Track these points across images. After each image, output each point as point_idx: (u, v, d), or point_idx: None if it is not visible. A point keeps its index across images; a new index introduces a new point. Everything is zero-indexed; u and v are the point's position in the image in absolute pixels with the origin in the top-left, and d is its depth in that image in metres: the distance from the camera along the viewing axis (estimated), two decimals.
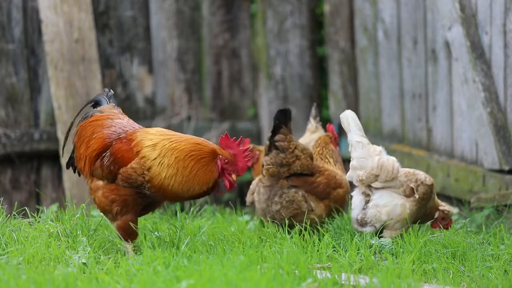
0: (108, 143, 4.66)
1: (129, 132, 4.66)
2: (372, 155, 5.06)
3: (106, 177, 4.63)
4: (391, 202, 5.03)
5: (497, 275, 4.35)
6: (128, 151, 4.58)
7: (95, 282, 4.03)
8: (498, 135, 5.98)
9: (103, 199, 4.62)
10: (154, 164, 4.54)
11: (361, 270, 4.43)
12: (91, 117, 4.79)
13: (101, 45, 7.24)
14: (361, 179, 5.05)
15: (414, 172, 5.09)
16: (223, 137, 4.61)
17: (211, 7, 7.57)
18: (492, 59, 6.04)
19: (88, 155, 4.69)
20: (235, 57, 7.69)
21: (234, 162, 4.56)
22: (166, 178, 4.53)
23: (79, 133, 4.77)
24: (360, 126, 5.10)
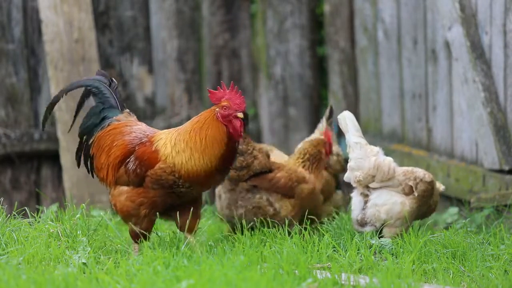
0: (131, 149, 4.66)
1: (150, 136, 4.67)
2: (369, 155, 5.06)
3: (132, 181, 4.62)
4: (389, 200, 5.04)
5: (497, 275, 4.35)
6: (153, 153, 4.60)
7: (95, 282, 4.03)
8: (498, 135, 5.98)
9: (129, 203, 4.62)
10: (173, 157, 4.56)
11: (361, 270, 4.43)
12: (108, 127, 4.77)
13: (101, 45, 7.24)
14: (359, 180, 5.05)
15: (413, 170, 5.10)
16: (209, 94, 4.65)
17: (211, 7, 7.57)
18: (492, 59, 6.04)
19: (110, 163, 4.68)
20: (235, 57, 7.69)
21: (231, 104, 4.59)
22: (187, 163, 4.54)
23: (97, 143, 4.76)
24: (358, 127, 5.11)
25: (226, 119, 4.58)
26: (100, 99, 4.85)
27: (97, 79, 4.88)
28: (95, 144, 4.77)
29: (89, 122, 4.83)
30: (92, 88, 4.86)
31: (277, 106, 7.62)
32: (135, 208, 4.61)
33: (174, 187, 4.58)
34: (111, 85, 4.87)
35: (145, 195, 4.60)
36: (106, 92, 4.85)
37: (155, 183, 4.57)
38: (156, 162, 4.57)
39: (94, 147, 4.77)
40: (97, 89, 4.85)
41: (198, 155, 4.54)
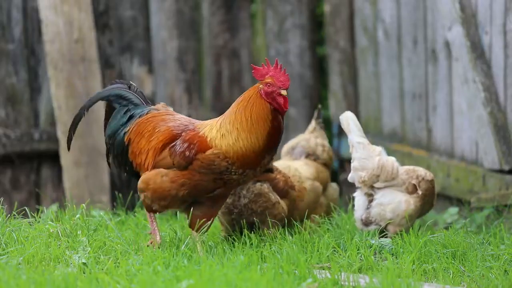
0: (176, 134, 4.64)
1: (196, 124, 4.66)
2: (373, 155, 5.07)
3: (178, 164, 4.58)
4: (394, 199, 5.05)
5: (497, 275, 4.35)
6: (202, 137, 4.57)
7: (95, 282, 4.03)
8: (498, 135, 5.98)
9: (170, 183, 4.59)
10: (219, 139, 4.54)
11: (361, 270, 4.43)
12: (148, 114, 4.76)
13: (101, 45, 7.24)
14: (364, 180, 5.06)
15: (414, 168, 5.13)
16: (253, 70, 4.63)
17: (211, 7, 7.57)
18: (492, 59, 6.04)
19: (152, 147, 4.65)
20: (235, 57, 7.69)
21: (275, 81, 4.57)
22: (235, 144, 4.52)
23: (136, 129, 4.74)
24: (360, 126, 5.12)
25: (269, 96, 4.55)
26: (120, 103, 4.84)
27: (114, 87, 4.90)
28: (133, 129, 4.74)
29: (115, 122, 4.80)
30: (111, 97, 4.86)
31: None
32: (175, 189, 4.58)
33: (225, 174, 4.55)
34: (131, 87, 4.87)
35: (190, 177, 4.56)
36: (127, 94, 4.85)
37: (205, 167, 4.54)
38: (207, 146, 4.54)
39: (132, 133, 4.74)
40: (117, 95, 4.86)
41: (245, 134, 4.51)
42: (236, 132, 4.53)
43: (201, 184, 4.58)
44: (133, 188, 7.24)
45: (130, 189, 7.17)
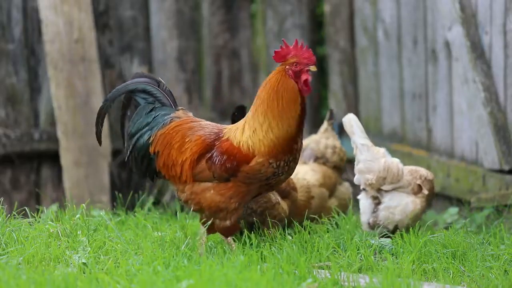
0: (210, 144, 4.53)
1: (225, 131, 4.55)
2: (378, 157, 5.07)
3: (219, 176, 4.49)
4: (402, 201, 5.06)
5: (497, 275, 4.35)
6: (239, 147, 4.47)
7: (95, 282, 4.03)
8: (498, 135, 5.98)
9: (218, 197, 4.50)
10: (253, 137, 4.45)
11: (361, 270, 4.43)
12: (172, 123, 4.62)
13: (101, 45, 7.24)
14: (371, 183, 5.06)
15: (417, 169, 5.15)
16: (274, 54, 4.50)
17: (211, 7, 7.57)
18: (492, 59, 6.04)
19: (187, 159, 4.53)
20: (235, 57, 7.69)
21: (300, 59, 4.45)
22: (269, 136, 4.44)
23: (162, 141, 4.60)
24: (363, 128, 5.12)
25: (298, 75, 4.44)
26: (147, 99, 4.69)
27: (141, 81, 4.71)
28: (158, 141, 4.60)
29: (140, 121, 4.68)
30: (137, 91, 4.70)
31: None
32: (225, 202, 4.50)
33: (272, 178, 4.49)
34: (160, 85, 4.71)
35: (237, 189, 4.48)
36: (155, 91, 4.69)
37: (250, 178, 4.47)
38: (248, 156, 4.45)
39: (159, 145, 4.60)
40: (144, 90, 4.69)
41: (277, 121, 4.42)
42: (267, 121, 4.43)
43: (247, 194, 4.53)
44: (133, 188, 7.25)
45: (130, 189, 7.17)
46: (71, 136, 6.99)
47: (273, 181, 4.52)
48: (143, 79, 4.73)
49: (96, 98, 7.06)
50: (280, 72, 4.48)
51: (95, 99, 7.06)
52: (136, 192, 6.76)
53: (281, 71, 4.48)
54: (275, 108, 4.44)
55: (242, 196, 4.52)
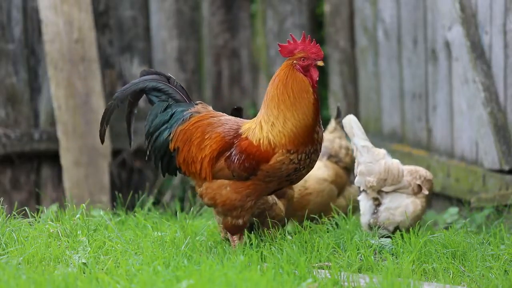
0: (229, 141, 4.50)
1: (244, 128, 4.51)
2: (378, 159, 5.07)
3: (238, 175, 4.45)
4: (402, 202, 5.06)
5: (497, 275, 4.35)
6: (258, 145, 4.43)
7: (95, 282, 4.03)
8: (498, 135, 5.98)
9: (235, 194, 4.46)
10: (272, 131, 4.43)
11: (361, 270, 4.43)
12: (192, 119, 4.58)
13: (101, 45, 7.24)
14: (372, 186, 5.06)
15: (416, 169, 5.15)
16: (280, 48, 4.49)
17: (211, 7, 7.57)
18: (492, 59, 6.04)
19: (206, 156, 4.50)
20: (235, 57, 7.69)
21: (308, 54, 4.44)
22: (287, 126, 4.41)
23: (182, 137, 4.56)
24: (363, 130, 5.12)
25: (306, 69, 4.44)
26: (159, 97, 4.64)
27: (150, 79, 4.65)
28: (178, 137, 4.56)
29: (157, 120, 4.63)
30: (147, 89, 4.64)
31: None
32: (241, 200, 4.46)
33: (294, 174, 4.45)
34: (170, 80, 4.67)
35: (255, 187, 4.45)
36: (166, 88, 4.65)
37: (270, 176, 4.43)
38: (269, 155, 4.42)
39: (179, 141, 4.55)
40: (154, 88, 4.64)
41: (291, 113, 4.39)
42: (282, 114, 4.41)
43: (264, 191, 4.50)
44: (133, 188, 7.25)
45: (130, 189, 7.17)
46: (71, 136, 6.99)
47: (294, 177, 4.48)
48: (152, 76, 4.67)
49: (96, 98, 7.06)
50: (288, 66, 4.47)
51: (95, 99, 7.06)
52: (136, 192, 6.77)
53: (289, 65, 4.47)
54: (287, 99, 4.42)
55: (259, 194, 4.49)
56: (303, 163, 4.44)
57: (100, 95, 7.06)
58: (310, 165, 4.50)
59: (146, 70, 4.72)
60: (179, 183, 7.45)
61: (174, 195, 7.42)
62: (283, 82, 4.44)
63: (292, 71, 4.45)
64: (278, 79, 4.46)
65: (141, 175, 7.45)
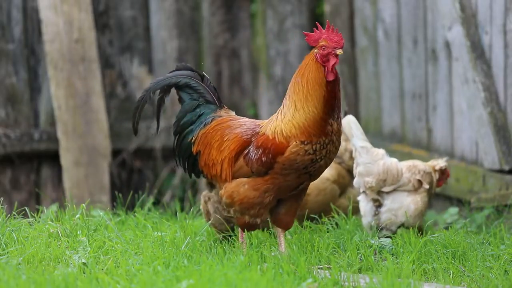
0: (247, 140, 4.49)
1: (262, 126, 4.50)
2: (377, 159, 5.06)
3: (257, 171, 4.43)
4: (403, 202, 5.06)
5: (497, 275, 4.35)
6: (274, 138, 4.42)
7: (95, 282, 4.03)
8: (498, 135, 5.98)
9: (253, 192, 4.44)
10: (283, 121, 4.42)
11: (361, 270, 4.43)
12: (213, 122, 4.58)
13: (101, 45, 7.24)
14: (371, 186, 5.05)
15: (414, 164, 5.14)
16: (306, 37, 4.47)
17: (211, 7, 7.57)
18: (492, 59, 6.04)
19: (225, 158, 4.50)
20: (235, 57, 7.69)
21: (328, 43, 4.41)
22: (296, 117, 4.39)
23: (203, 140, 4.56)
24: (362, 130, 5.12)
25: (325, 59, 4.41)
26: (191, 95, 4.62)
27: (184, 74, 4.63)
28: (200, 141, 4.57)
29: (185, 119, 4.62)
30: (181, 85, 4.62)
31: (277, 106, 7.56)
32: (260, 196, 4.44)
33: (311, 166, 4.42)
34: (204, 79, 4.64)
35: (273, 181, 4.42)
36: (198, 87, 4.62)
37: (287, 168, 4.40)
38: (283, 147, 4.40)
39: (200, 144, 4.57)
40: (187, 85, 4.62)
41: (300, 104, 4.39)
42: (293, 105, 4.41)
43: (285, 185, 4.45)
44: (133, 188, 7.25)
45: (130, 189, 7.17)
46: (71, 136, 6.99)
47: (312, 169, 4.42)
48: (186, 72, 4.65)
49: (96, 98, 7.06)
50: (310, 55, 4.46)
51: (95, 99, 7.06)
52: (136, 192, 6.76)
53: (311, 54, 4.45)
54: (300, 90, 4.41)
55: (278, 189, 4.45)
56: (319, 153, 4.40)
57: (100, 95, 7.06)
58: (328, 156, 4.45)
59: (182, 65, 4.70)
60: (179, 183, 7.46)
61: (174, 195, 7.42)
62: (302, 71, 4.44)
63: (312, 61, 4.43)
64: (299, 69, 4.46)
65: (141, 175, 7.45)
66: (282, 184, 4.45)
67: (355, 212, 5.43)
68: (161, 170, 7.47)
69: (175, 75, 4.64)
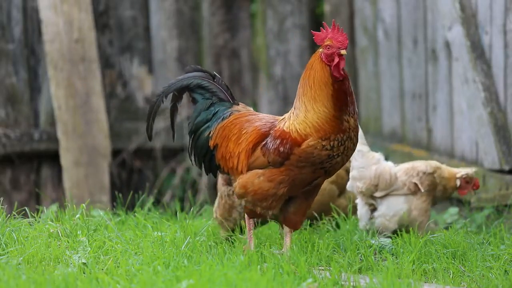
0: (265, 132, 4.48)
1: (281, 120, 4.50)
2: (370, 164, 5.05)
3: (273, 161, 4.41)
4: (398, 207, 5.04)
5: (497, 275, 4.35)
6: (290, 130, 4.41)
7: (95, 282, 4.03)
8: (498, 135, 5.98)
9: (268, 183, 4.43)
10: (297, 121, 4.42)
11: (361, 270, 4.43)
12: (231, 116, 4.59)
13: (101, 45, 7.24)
14: (362, 191, 5.05)
15: (414, 166, 5.10)
16: (314, 36, 4.47)
17: (211, 7, 7.57)
18: (492, 59, 6.04)
19: (243, 149, 4.49)
20: (235, 57, 7.69)
21: (333, 42, 4.42)
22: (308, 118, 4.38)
23: (221, 134, 4.57)
24: (362, 133, 5.11)
25: (329, 58, 4.42)
26: (204, 95, 4.64)
27: (195, 76, 4.66)
28: (217, 134, 4.57)
29: (200, 118, 4.63)
30: (193, 86, 4.65)
31: (277, 106, 7.61)
32: (274, 188, 4.42)
33: (327, 162, 4.40)
34: (215, 79, 4.66)
35: (288, 173, 4.41)
36: (210, 86, 4.64)
37: (303, 161, 4.38)
38: (301, 138, 4.38)
39: (218, 138, 4.57)
40: (199, 85, 4.65)
41: (310, 105, 4.39)
42: (303, 106, 4.41)
43: (300, 178, 4.43)
44: (133, 188, 7.25)
45: (130, 189, 7.17)
46: (71, 136, 6.99)
47: (328, 165, 4.41)
48: (197, 73, 4.68)
49: (96, 98, 7.06)
50: (315, 55, 4.47)
51: (95, 99, 7.06)
52: (136, 192, 6.76)
53: (316, 54, 4.46)
54: (308, 91, 4.42)
55: (292, 181, 4.43)
56: (336, 150, 4.39)
57: (100, 95, 7.06)
58: (345, 153, 4.44)
59: (192, 67, 4.73)
60: (179, 183, 7.46)
61: (174, 195, 7.42)
62: (308, 73, 4.45)
63: (318, 60, 4.44)
64: (306, 68, 4.47)
65: (141, 175, 7.46)
66: (297, 177, 4.43)
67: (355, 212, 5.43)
68: (161, 170, 7.47)
69: (186, 77, 4.67)
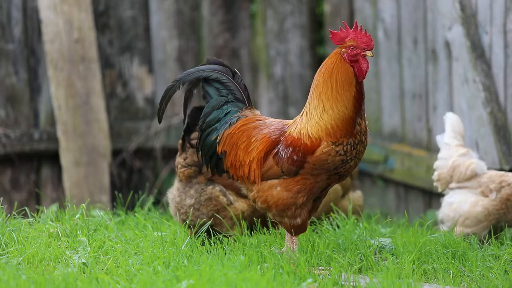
0: (275, 140, 4.40)
1: (290, 125, 4.43)
2: (453, 156, 5.16)
3: (288, 170, 4.35)
4: (458, 198, 5.07)
5: (497, 275, 4.35)
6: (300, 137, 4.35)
7: (95, 282, 4.03)
8: (498, 135, 5.98)
9: (286, 192, 4.36)
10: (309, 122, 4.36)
11: (361, 270, 4.43)
12: (238, 122, 4.51)
13: (101, 45, 7.25)
14: (438, 179, 5.21)
15: (502, 174, 5.10)
16: (331, 35, 4.43)
17: (211, 7, 7.57)
18: (492, 59, 6.04)
19: (254, 158, 4.42)
20: (235, 57, 7.69)
21: (357, 43, 4.35)
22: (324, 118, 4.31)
23: (229, 141, 4.48)
24: (457, 129, 5.33)
25: (353, 59, 4.34)
26: (220, 91, 4.56)
27: (215, 69, 4.56)
28: (225, 141, 4.49)
29: (212, 116, 4.55)
30: (212, 79, 4.55)
31: (277, 106, 7.61)
32: (293, 197, 4.35)
33: (341, 167, 4.35)
34: (235, 76, 4.57)
35: (304, 182, 4.34)
36: (229, 83, 4.56)
37: (318, 168, 4.32)
38: (313, 145, 4.30)
39: (226, 145, 4.49)
40: (217, 80, 4.56)
41: (329, 104, 4.31)
42: (321, 106, 4.32)
43: (315, 187, 4.37)
44: (133, 188, 7.25)
45: (130, 189, 7.17)
46: (71, 136, 6.99)
47: (342, 170, 4.35)
48: (218, 66, 4.58)
49: (96, 98, 7.06)
50: (336, 54, 4.39)
51: (95, 99, 7.06)
52: (136, 192, 6.76)
53: (337, 53, 4.38)
54: (329, 90, 4.33)
55: (310, 189, 4.37)
56: (349, 154, 4.33)
57: (100, 95, 7.06)
58: (358, 156, 4.38)
59: (214, 59, 4.62)
60: None
61: None
62: (329, 71, 4.36)
63: (340, 60, 4.36)
64: (325, 68, 4.38)
65: (141, 175, 7.46)
66: (314, 185, 4.37)
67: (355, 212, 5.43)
68: (161, 170, 7.47)
69: (207, 68, 4.57)
